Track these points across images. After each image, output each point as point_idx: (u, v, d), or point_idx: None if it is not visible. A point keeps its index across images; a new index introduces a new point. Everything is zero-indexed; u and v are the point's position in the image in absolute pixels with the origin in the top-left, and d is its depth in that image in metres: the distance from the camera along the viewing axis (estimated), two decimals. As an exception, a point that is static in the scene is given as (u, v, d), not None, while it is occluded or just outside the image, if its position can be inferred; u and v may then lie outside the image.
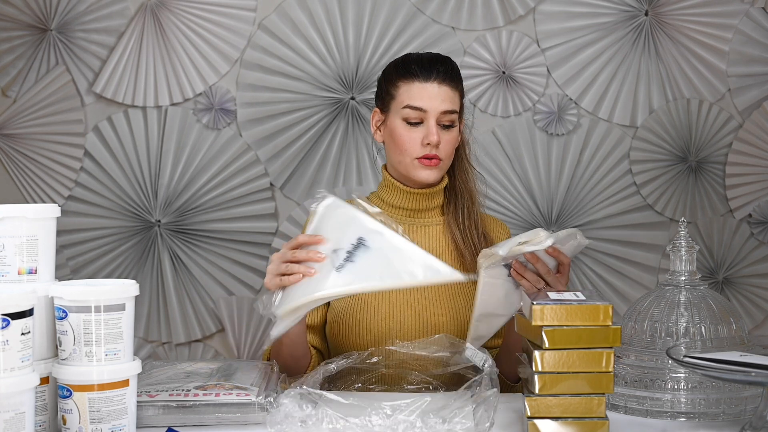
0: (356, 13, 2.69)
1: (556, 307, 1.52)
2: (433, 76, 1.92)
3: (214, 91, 2.67)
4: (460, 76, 1.97)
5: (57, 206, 1.60)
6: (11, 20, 2.63)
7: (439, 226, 2.00)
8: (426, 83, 1.91)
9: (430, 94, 1.91)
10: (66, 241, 2.65)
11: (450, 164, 1.98)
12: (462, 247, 1.96)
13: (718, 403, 1.66)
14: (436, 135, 1.90)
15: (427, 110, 1.91)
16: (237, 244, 2.69)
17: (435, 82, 1.91)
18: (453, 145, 1.95)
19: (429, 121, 1.90)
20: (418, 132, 1.91)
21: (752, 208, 2.77)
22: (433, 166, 1.92)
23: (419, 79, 1.92)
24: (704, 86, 2.75)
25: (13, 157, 2.65)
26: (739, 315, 1.77)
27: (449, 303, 1.92)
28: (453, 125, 1.93)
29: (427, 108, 1.91)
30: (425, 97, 1.91)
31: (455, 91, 1.94)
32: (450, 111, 1.92)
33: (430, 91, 1.91)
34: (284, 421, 1.53)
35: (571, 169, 2.74)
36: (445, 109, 1.91)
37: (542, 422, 1.52)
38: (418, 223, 1.99)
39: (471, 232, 1.97)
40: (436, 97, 1.91)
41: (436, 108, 1.91)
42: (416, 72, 1.93)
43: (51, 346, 1.53)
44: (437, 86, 1.91)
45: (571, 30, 2.72)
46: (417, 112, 1.91)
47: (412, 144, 1.92)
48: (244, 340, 2.69)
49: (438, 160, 1.92)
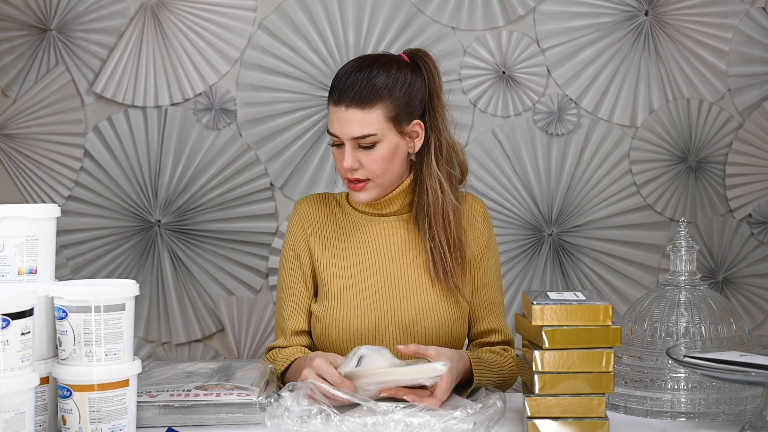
0: (356, 13, 2.69)
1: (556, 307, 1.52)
2: (342, 99, 1.85)
3: (214, 91, 2.67)
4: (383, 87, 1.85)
5: (57, 206, 1.60)
6: (11, 20, 2.63)
7: (403, 223, 1.96)
8: (336, 107, 1.86)
9: (340, 119, 1.85)
10: (66, 241, 2.65)
11: (390, 178, 1.90)
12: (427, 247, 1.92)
13: (718, 403, 1.66)
14: (349, 161, 1.85)
15: (339, 136, 1.86)
16: (237, 244, 2.69)
17: (342, 106, 1.85)
18: (380, 162, 1.86)
19: (345, 145, 1.86)
20: (342, 153, 1.88)
21: (752, 208, 2.77)
22: (359, 189, 1.89)
23: (333, 101, 1.87)
24: (704, 86, 2.75)
25: (13, 157, 2.65)
26: (739, 315, 1.77)
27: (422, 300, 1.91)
28: (373, 146, 1.86)
29: (338, 134, 1.86)
30: (336, 123, 1.86)
31: (368, 111, 1.84)
32: (362, 136, 1.85)
33: (339, 117, 1.85)
34: (283, 415, 1.53)
35: (571, 169, 2.74)
36: (354, 135, 1.85)
37: (542, 422, 1.53)
38: (380, 222, 1.96)
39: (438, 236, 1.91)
40: (345, 123, 1.85)
41: (347, 134, 1.85)
42: (332, 93, 1.87)
43: (51, 346, 1.53)
44: (344, 110, 1.84)
45: (571, 30, 2.72)
46: (334, 137, 1.88)
47: (339, 167, 1.90)
48: (244, 340, 2.69)
49: (363, 182, 1.88)
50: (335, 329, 1.89)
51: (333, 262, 1.95)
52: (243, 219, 2.69)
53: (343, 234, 1.97)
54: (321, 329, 1.91)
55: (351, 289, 1.92)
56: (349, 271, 1.93)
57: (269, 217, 2.69)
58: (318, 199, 2.02)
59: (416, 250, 1.94)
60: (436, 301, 1.90)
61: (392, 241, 1.95)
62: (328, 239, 1.97)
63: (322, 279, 1.94)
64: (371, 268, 1.93)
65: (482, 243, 1.97)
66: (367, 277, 1.92)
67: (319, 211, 2.00)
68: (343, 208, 2.00)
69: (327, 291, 1.93)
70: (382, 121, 1.85)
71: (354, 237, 1.96)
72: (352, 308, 1.90)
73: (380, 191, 1.91)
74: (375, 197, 1.91)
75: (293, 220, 2.01)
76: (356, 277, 1.93)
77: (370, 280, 1.92)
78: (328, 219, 1.99)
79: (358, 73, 1.86)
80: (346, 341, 1.88)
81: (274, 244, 2.68)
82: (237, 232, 2.69)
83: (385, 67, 1.88)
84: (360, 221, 1.97)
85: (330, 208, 2.00)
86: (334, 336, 1.89)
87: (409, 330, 1.89)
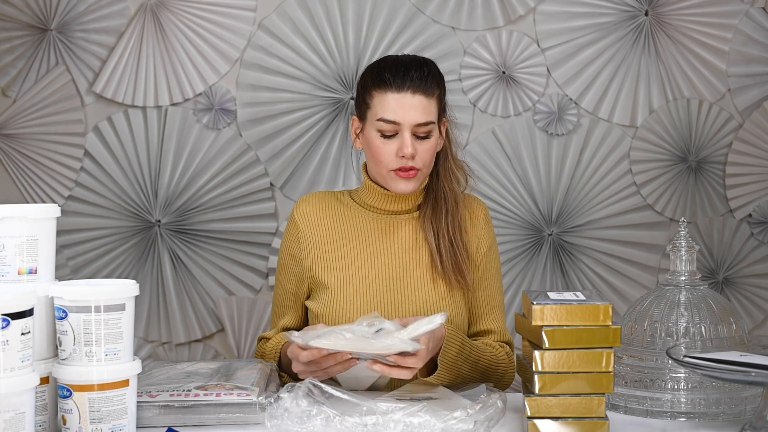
0: (356, 13, 2.69)
1: (556, 307, 1.52)
2: (407, 85, 1.87)
3: (214, 91, 2.67)
4: (438, 79, 1.91)
5: (57, 206, 1.60)
6: (11, 20, 2.63)
7: (413, 222, 1.98)
8: (399, 94, 1.86)
9: (403, 105, 1.86)
10: (66, 241, 2.65)
11: (430, 170, 1.94)
12: (434, 249, 1.93)
13: (718, 403, 1.66)
14: (411, 147, 1.86)
15: (401, 123, 1.86)
16: (237, 244, 2.69)
17: (408, 92, 1.86)
18: (431, 153, 1.90)
19: (404, 133, 1.86)
20: (392, 144, 1.88)
21: (752, 208, 2.77)
22: (410, 178, 1.89)
23: (392, 89, 1.87)
24: (704, 86, 2.75)
25: (13, 157, 2.65)
26: (739, 315, 1.77)
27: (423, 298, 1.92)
28: (429, 136, 1.89)
29: (400, 121, 1.86)
30: (398, 109, 1.86)
31: (431, 99, 1.88)
32: (425, 123, 1.87)
33: (402, 103, 1.86)
34: (282, 415, 1.54)
35: (571, 169, 2.74)
36: (419, 122, 1.86)
37: (542, 422, 1.53)
38: (391, 220, 1.98)
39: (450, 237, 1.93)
40: (410, 110, 1.86)
41: (410, 121, 1.86)
42: (389, 81, 1.88)
43: (51, 346, 1.53)
44: (410, 96, 1.86)
45: (571, 30, 2.72)
46: (391, 125, 1.87)
47: (387, 156, 1.89)
48: (244, 340, 2.69)
49: (415, 171, 1.89)
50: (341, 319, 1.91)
51: (333, 260, 1.95)
52: (243, 219, 2.69)
53: (346, 232, 1.98)
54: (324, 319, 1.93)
55: (352, 287, 1.92)
56: (350, 269, 1.94)
57: (269, 217, 2.69)
58: (319, 197, 2.03)
59: (421, 248, 1.95)
60: (440, 300, 1.91)
61: (397, 240, 1.96)
62: (330, 237, 1.97)
63: (322, 278, 1.95)
64: (373, 266, 1.94)
65: (484, 245, 1.98)
66: (369, 275, 1.93)
67: (320, 210, 2.00)
68: (347, 206, 2.00)
69: (327, 289, 1.93)
70: (436, 112, 1.90)
71: (358, 235, 1.97)
72: (353, 306, 1.90)
73: (422, 183, 1.94)
74: (416, 189, 1.93)
75: (291, 219, 2.02)
76: (358, 275, 1.93)
77: (371, 278, 1.93)
78: (330, 217, 1.99)
79: (414, 65, 1.90)
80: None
81: (274, 244, 2.68)
82: (237, 232, 2.69)
83: (433, 65, 1.93)
84: (366, 219, 1.98)
85: (332, 206, 2.01)
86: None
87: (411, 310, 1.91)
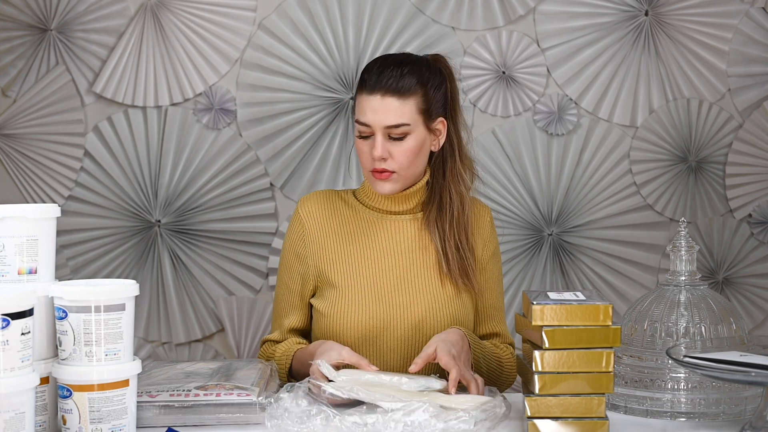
0: (356, 13, 2.69)
1: (556, 307, 1.52)
2: (378, 87, 1.87)
3: (214, 91, 2.67)
4: (421, 77, 1.90)
5: (57, 206, 1.60)
6: (11, 20, 2.63)
7: (416, 222, 1.98)
8: (371, 95, 1.87)
9: (374, 107, 1.87)
10: (66, 241, 2.65)
11: (414, 172, 1.93)
12: (440, 251, 1.94)
13: (718, 403, 1.66)
14: (380, 150, 1.87)
15: (371, 125, 1.87)
16: (237, 244, 2.69)
17: (378, 94, 1.87)
18: (408, 155, 1.89)
19: (376, 135, 1.87)
20: (368, 145, 1.89)
21: (752, 208, 2.77)
22: (385, 179, 1.90)
23: (366, 90, 1.88)
24: (704, 86, 2.75)
25: (13, 157, 2.65)
26: (739, 315, 1.77)
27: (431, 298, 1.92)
28: (404, 138, 1.88)
29: (370, 123, 1.87)
30: (368, 111, 1.87)
31: (405, 100, 1.87)
32: (396, 125, 1.87)
33: (372, 105, 1.87)
34: (282, 415, 1.54)
35: (571, 169, 2.74)
36: (389, 124, 1.86)
37: (542, 422, 1.53)
38: (394, 220, 1.98)
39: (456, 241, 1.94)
40: (379, 111, 1.86)
41: (380, 123, 1.87)
42: (365, 82, 1.89)
43: (51, 346, 1.53)
44: (380, 99, 1.86)
45: (571, 30, 2.72)
46: (364, 126, 1.89)
47: (364, 157, 1.91)
48: (244, 340, 2.69)
49: (389, 173, 1.89)
50: (343, 327, 1.89)
51: (340, 259, 1.95)
52: (243, 219, 2.69)
53: (350, 231, 1.97)
54: (329, 326, 1.91)
55: (359, 286, 1.92)
56: (357, 269, 1.94)
57: (269, 217, 2.69)
58: (322, 196, 2.03)
59: (427, 249, 1.95)
60: (446, 301, 1.91)
61: (403, 240, 1.96)
62: (334, 237, 1.97)
63: (328, 277, 1.94)
64: (380, 265, 1.94)
65: (489, 249, 2.00)
66: (376, 275, 1.93)
67: (323, 209, 2.00)
68: (350, 206, 2.00)
69: (334, 288, 1.93)
70: (415, 113, 1.89)
71: (362, 234, 1.97)
72: (361, 306, 1.90)
73: (402, 184, 1.93)
74: (397, 189, 1.93)
75: (295, 218, 2.01)
76: (365, 275, 1.93)
77: (379, 278, 1.92)
78: (334, 216, 1.99)
79: (393, 64, 1.90)
80: (355, 339, 1.88)
81: (274, 244, 2.68)
82: (237, 232, 2.69)
83: (417, 63, 1.92)
84: (370, 218, 1.98)
85: (335, 206, 2.01)
86: (343, 333, 1.89)
87: (418, 328, 1.89)
